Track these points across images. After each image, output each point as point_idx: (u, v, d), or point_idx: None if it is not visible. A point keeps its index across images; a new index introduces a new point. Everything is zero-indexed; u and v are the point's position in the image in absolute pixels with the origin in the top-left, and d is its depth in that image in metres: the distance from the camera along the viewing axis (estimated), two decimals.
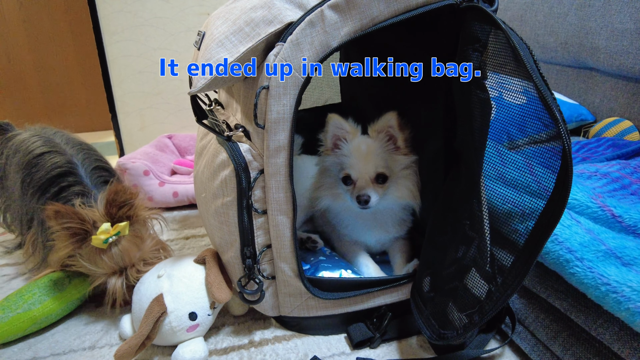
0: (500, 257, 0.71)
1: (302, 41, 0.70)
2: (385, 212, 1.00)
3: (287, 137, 0.75)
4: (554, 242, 0.73)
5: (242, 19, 0.72)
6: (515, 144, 0.82)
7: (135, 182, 1.55)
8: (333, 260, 1.00)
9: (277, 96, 0.72)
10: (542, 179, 0.64)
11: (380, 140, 0.94)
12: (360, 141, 0.94)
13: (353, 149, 0.94)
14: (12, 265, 1.24)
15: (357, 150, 0.93)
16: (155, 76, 2.04)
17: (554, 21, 1.63)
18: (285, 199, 0.79)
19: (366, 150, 0.93)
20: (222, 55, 0.70)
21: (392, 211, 1.01)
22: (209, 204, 0.86)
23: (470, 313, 0.70)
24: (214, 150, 0.83)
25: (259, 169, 0.78)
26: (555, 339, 0.74)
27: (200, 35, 0.85)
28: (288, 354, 0.84)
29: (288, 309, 0.87)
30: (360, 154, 0.93)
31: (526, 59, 0.58)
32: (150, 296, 0.82)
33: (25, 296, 0.91)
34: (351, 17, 0.71)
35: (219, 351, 0.85)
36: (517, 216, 0.71)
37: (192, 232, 1.40)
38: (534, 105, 0.66)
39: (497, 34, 0.69)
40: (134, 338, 0.77)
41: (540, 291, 0.79)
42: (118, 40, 1.96)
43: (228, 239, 0.83)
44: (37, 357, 0.86)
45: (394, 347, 0.85)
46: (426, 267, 0.87)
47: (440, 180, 0.91)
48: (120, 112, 2.09)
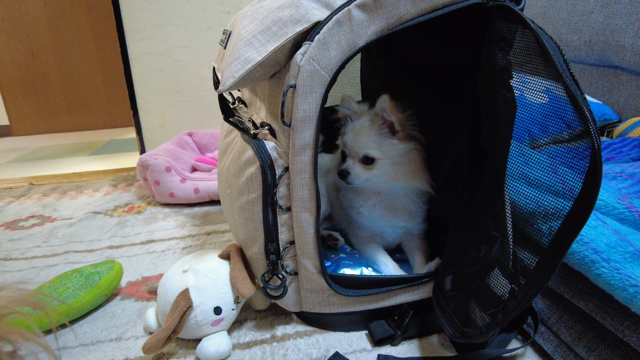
0: (523, 257, 0.71)
1: (329, 40, 0.71)
2: (389, 196, 1.02)
3: (312, 135, 0.76)
4: (579, 242, 0.72)
5: (270, 18, 0.73)
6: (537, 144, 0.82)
7: (158, 178, 1.58)
8: (354, 257, 1.01)
9: (303, 95, 0.73)
10: (567, 179, 0.64)
11: (376, 123, 0.96)
12: (358, 122, 0.99)
13: (350, 128, 1.01)
14: (41, 258, 1.28)
15: (352, 130, 0.99)
16: (175, 74, 2.07)
17: (577, 19, 1.60)
18: (309, 196, 0.80)
19: (359, 130, 0.98)
20: (250, 54, 0.71)
21: (396, 195, 1.02)
22: (234, 201, 0.87)
23: (493, 312, 0.70)
24: (239, 148, 0.85)
25: (284, 166, 0.79)
26: (579, 340, 0.74)
27: (227, 34, 0.86)
28: (310, 349, 0.85)
29: (310, 304, 0.88)
30: (353, 133, 0.99)
31: (556, 58, 0.58)
32: (176, 290, 0.84)
33: (60, 289, 0.94)
34: (378, 17, 0.71)
35: (242, 345, 0.87)
36: (540, 216, 0.71)
37: (213, 228, 1.42)
38: (557, 104, 0.65)
39: (524, 33, 0.69)
40: (161, 331, 0.79)
41: (564, 292, 0.78)
42: (140, 38, 2.00)
43: (253, 235, 0.84)
44: (67, 346, 0.89)
45: (415, 344, 0.86)
46: (448, 265, 0.87)
47: (464, 179, 0.91)
48: (141, 109, 2.12)
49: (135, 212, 1.61)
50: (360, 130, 0.97)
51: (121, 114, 3.56)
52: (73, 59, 3.43)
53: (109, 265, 1.05)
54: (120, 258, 1.24)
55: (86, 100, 3.54)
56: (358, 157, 0.97)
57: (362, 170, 0.97)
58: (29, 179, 2.12)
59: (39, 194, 1.86)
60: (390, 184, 1.00)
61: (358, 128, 0.98)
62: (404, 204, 1.03)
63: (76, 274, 1.00)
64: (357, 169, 0.97)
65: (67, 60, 3.43)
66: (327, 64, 0.72)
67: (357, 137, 0.98)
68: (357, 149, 0.97)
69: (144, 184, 1.68)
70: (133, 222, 1.51)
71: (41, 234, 1.45)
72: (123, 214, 1.60)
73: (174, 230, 1.42)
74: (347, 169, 0.97)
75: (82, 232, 1.45)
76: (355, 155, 0.98)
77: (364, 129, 0.97)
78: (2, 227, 1.53)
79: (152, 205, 1.66)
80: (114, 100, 3.55)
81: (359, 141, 0.97)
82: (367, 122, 0.98)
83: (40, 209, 1.69)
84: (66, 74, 3.46)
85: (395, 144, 0.96)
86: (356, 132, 0.98)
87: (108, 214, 1.60)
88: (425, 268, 0.94)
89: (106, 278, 1.02)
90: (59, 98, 3.51)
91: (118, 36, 1.99)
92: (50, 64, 3.42)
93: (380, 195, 1.02)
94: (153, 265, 1.21)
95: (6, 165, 2.59)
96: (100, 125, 3.60)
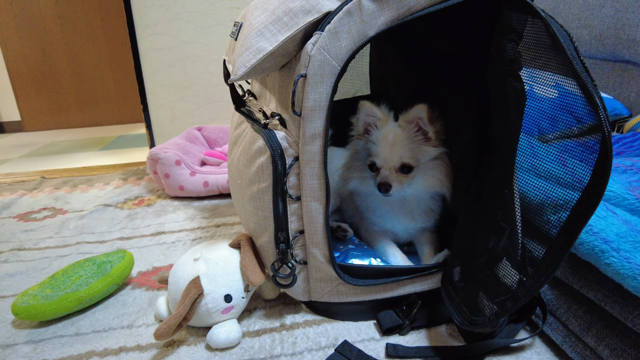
0: (532, 248, 0.71)
1: (339, 30, 0.71)
2: (412, 200, 1.01)
3: (322, 125, 0.76)
4: (589, 232, 0.73)
5: (281, 9, 0.74)
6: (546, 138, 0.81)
7: (167, 172, 1.59)
8: (362, 248, 1.02)
9: (314, 84, 0.73)
10: (577, 171, 0.64)
11: (409, 130, 0.94)
12: (389, 130, 0.95)
13: (381, 137, 0.95)
14: (53, 248, 1.31)
15: (384, 139, 0.94)
16: (185, 69, 2.09)
17: (588, 13, 1.59)
18: (319, 186, 0.81)
19: (393, 139, 0.93)
20: (261, 44, 0.72)
21: (421, 199, 1.01)
22: (245, 190, 0.88)
23: (502, 300, 0.71)
24: (250, 138, 0.86)
25: (294, 156, 0.80)
26: (588, 330, 0.74)
27: (237, 25, 0.87)
28: (319, 338, 0.86)
29: (319, 294, 0.89)
30: (386, 142, 0.94)
31: (566, 46, 0.58)
32: (187, 278, 0.85)
33: (73, 277, 0.96)
34: (388, 6, 0.72)
35: (252, 333, 0.88)
36: (549, 207, 0.71)
37: (222, 221, 1.43)
38: (566, 98, 0.65)
39: (535, 23, 0.69)
40: (172, 318, 0.81)
41: (573, 282, 0.78)
42: (150, 33, 2.02)
43: (263, 224, 0.85)
44: (80, 333, 0.91)
45: (423, 334, 0.86)
46: (457, 256, 0.88)
47: (473, 170, 0.91)
48: (151, 104, 2.14)
49: (145, 204, 1.62)
50: (394, 140, 0.93)
51: (130, 110, 3.60)
52: (83, 56, 3.47)
53: (121, 254, 1.07)
54: (131, 249, 1.26)
55: (96, 97, 3.58)
56: (395, 167, 0.94)
57: (400, 180, 0.94)
58: (40, 173, 2.15)
59: (51, 187, 1.89)
60: (419, 189, 0.98)
61: (391, 137, 0.93)
62: (426, 205, 1.02)
63: (89, 263, 1.02)
64: (396, 180, 0.93)
65: (77, 57, 3.47)
66: (337, 54, 0.73)
67: (392, 147, 0.93)
68: (395, 158, 0.93)
69: (154, 177, 1.70)
70: (143, 214, 1.53)
71: (53, 225, 1.48)
72: (133, 206, 1.61)
73: (184, 223, 1.44)
74: (388, 182, 0.92)
75: (93, 223, 1.47)
76: (391, 165, 0.94)
77: (399, 138, 0.93)
78: (16, 218, 1.55)
79: (161, 198, 1.68)
80: (124, 97, 3.58)
81: (396, 151, 0.93)
82: (399, 130, 0.94)
83: (52, 202, 1.71)
84: (76, 70, 3.50)
85: (428, 150, 0.94)
86: (390, 142, 0.93)
87: (118, 206, 1.62)
88: (433, 259, 0.94)
89: (117, 267, 1.03)
90: (69, 94, 3.55)
91: (128, 32, 2.01)
92: (61, 61, 3.46)
93: (402, 199, 1.00)
94: (163, 256, 1.22)
95: (19, 159, 2.62)
96: (109, 121, 3.63)
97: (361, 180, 1.02)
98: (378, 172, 0.95)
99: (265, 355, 0.82)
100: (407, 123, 0.94)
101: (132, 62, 2.06)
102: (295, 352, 0.82)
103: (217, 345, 0.83)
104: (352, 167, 1.04)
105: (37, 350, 0.86)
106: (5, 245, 1.33)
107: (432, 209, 1.03)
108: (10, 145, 3.06)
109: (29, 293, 0.93)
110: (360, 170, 1.02)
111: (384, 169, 0.94)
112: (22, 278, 1.14)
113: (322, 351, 0.82)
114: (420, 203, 1.02)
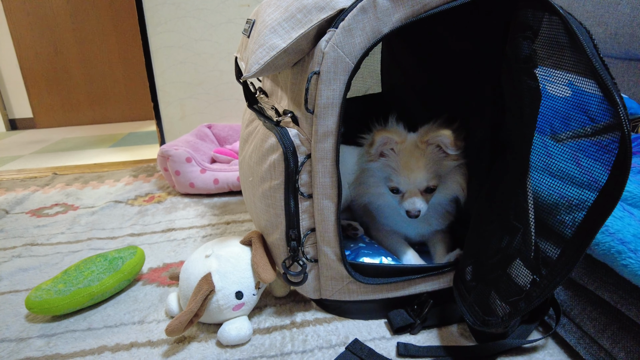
0: (545, 248, 0.70)
1: (353, 27, 0.71)
2: (431, 207, 0.99)
3: (335, 123, 0.76)
4: (605, 233, 0.71)
5: (294, 6, 0.74)
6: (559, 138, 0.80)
7: (178, 169, 1.60)
8: (373, 247, 1.01)
9: (327, 81, 0.73)
10: (592, 171, 0.63)
11: (430, 151, 0.91)
12: (409, 154, 0.91)
13: (402, 163, 0.92)
14: (65, 244, 1.32)
15: (406, 165, 0.91)
16: (196, 67, 2.10)
17: (603, 11, 1.57)
18: (331, 184, 0.80)
19: (415, 164, 0.91)
20: (275, 41, 0.72)
21: (439, 204, 1.00)
22: (256, 188, 0.88)
23: (515, 300, 0.70)
24: (262, 135, 0.86)
25: (306, 153, 0.80)
26: (603, 332, 0.73)
27: (250, 23, 0.87)
28: (329, 336, 0.86)
29: (329, 292, 0.89)
30: (408, 169, 0.91)
31: (585, 43, 0.57)
32: (198, 275, 0.86)
33: (85, 273, 0.97)
34: (403, 4, 0.71)
35: (262, 330, 0.88)
36: (563, 207, 0.70)
37: (232, 218, 1.44)
38: (580, 97, 0.64)
39: (552, 20, 0.68)
40: (184, 314, 0.81)
41: (587, 283, 0.77)
42: (161, 31, 2.03)
43: (274, 222, 0.85)
44: (92, 327, 0.92)
45: (434, 334, 0.86)
46: (469, 255, 0.87)
47: (486, 169, 0.90)
48: (161, 101, 2.15)
49: (155, 201, 1.63)
50: (416, 164, 0.91)
51: (140, 108, 3.62)
52: (94, 54, 3.50)
53: (132, 251, 1.07)
54: (142, 245, 1.27)
55: (106, 94, 3.61)
56: (419, 190, 0.93)
57: (427, 198, 0.94)
58: (52, 169, 2.17)
59: (62, 184, 1.90)
60: (439, 197, 0.97)
61: (413, 162, 0.91)
62: (443, 209, 1.01)
63: (100, 259, 1.03)
64: (423, 204, 0.93)
65: (88, 55, 3.49)
66: (351, 51, 0.72)
67: (416, 173, 0.91)
68: (419, 183, 0.92)
69: (165, 174, 1.70)
70: (153, 211, 1.54)
71: (65, 221, 1.49)
72: (144, 203, 1.62)
73: (194, 220, 1.44)
74: (417, 209, 0.92)
75: (104, 220, 1.49)
76: (416, 190, 0.93)
77: (420, 162, 0.91)
78: (28, 214, 1.57)
79: (172, 195, 1.69)
80: (134, 94, 3.61)
81: (420, 176, 0.91)
82: (419, 152, 0.91)
83: (63, 198, 1.73)
84: (87, 68, 3.53)
85: (449, 164, 0.93)
86: (411, 167, 0.91)
87: (129, 203, 1.63)
88: (445, 258, 0.94)
89: (129, 263, 1.04)
90: (80, 92, 3.58)
91: (140, 29, 2.02)
92: (72, 59, 3.49)
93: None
94: (174, 253, 1.23)
95: (31, 156, 2.65)
96: (119, 118, 3.66)
97: (376, 196, 1.01)
98: (402, 195, 0.94)
99: (276, 353, 0.82)
100: (428, 144, 0.91)
101: (143, 59, 2.07)
102: (306, 350, 0.82)
103: (228, 341, 0.83)
104: (364, 184, 1.02)
105: (50, 345, 0.87)
106: (19, 240, 1.35)
107: (449, 212, 1.02)
108: (22, 142, 3.09)
109: (43, 288, 0.94)
110: (374, 186, 0.99)
111: (409, 193, 0.93)
112: (35, 273, 1.15)
113: (332, 349, 0.82)
114: (437, 208, 1.01)
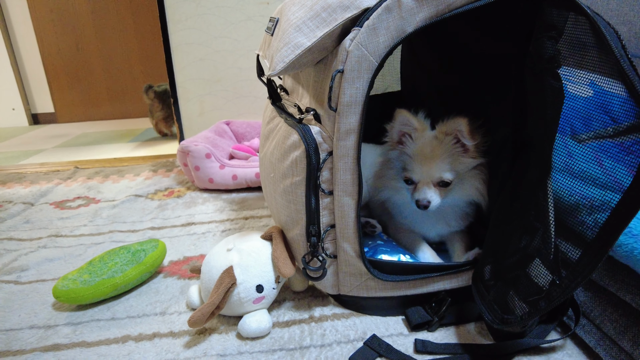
0: (565, 249, 0.70)
1: (378, 26, 0.72)
2: (448, 208, 0.99)
3: (357, 121, 0.77)
4: (628, 234, 0.71)
5: (319, 5, 0.75)
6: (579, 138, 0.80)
7: (198, 164, 1.62)
8: (391, 245, 1.02)
9: (351, 80, 0.74)
10: (615, 172, 0.63)
11: (447, 143, 0.90)
12: (425, 143, 0.91)
13: (417, 150, 0.91)
14: (88, 236, 1.35)
15: (421, 154, 0.91)
16: (215, 64, 2.12)
17: (628, 9, 1.54)
18: (352, 181, 0.81)
19: (430, 154, 0.90)
20: (299, 40, 0.73)
21: (457, 206, 1.00)
22: (277, 184, 0.90)
23: (536, 299, 0.70)
24: (284, 132, 0.87)
25: (328, 150, 0.81)
26: (624, 333, 0.73)
27: (274, 21, 0.88)
28: (347, 331, 0.87)
29: (348, 288, 0.90)
30: (423, 157, 0.91)
31: (614, 44, 0.57)
32: (220, 268, 0.87)
33: (109, 264, 1.00)
34: (427, 3, 0.72)
35: (281, 324, 0.90)
36: (584, 208, 0.70)
37: (250, 213, 1.45)
38: (602, 97, 0.64)
39: (578, 20, 0.67)
40: (206, 306, 0.83)
41: (608, 284, 0.77)
42: (182, 28, 2.05)
43: (295, 217, 0.87)
44: (115, 317, 0.94)
45: (451, 331, 0.86)
46: (488, 255, 0.87)
47: (507, 168, 0.90)
48: (181, 97, 2.18)
49: (175, 196, 1.66)
50: (432, 154, 0.90)
51: None
52: (114, 50, 3.55)
53: (154, 243, 1.10)
54: (162, 239, 1.29)
55: (126, 90, 3.67)
56: (433, 182, 0.92)
57: (438, 194, 0.92)
58: (74, 163, 2.22)
59: (84, 177, 1.95)
60: (456, 199, 0.97)
61: (428, 151, 0.90)
62: (462, 210, 1.01)
63: (123, 251, 1.05)
64: (435, 195, 0.91)
65: (108, 51, 3.55)
66: (375, 50, 0.73)
67: (430, 162, 0.90)
68: (432, 173, 0.91)
69: (184, 169, 1.73)
70: (173, 205, 1.57)
71: (87, 214, 1.53)
72: (163, 197, 1.66)
73: (213, 214, 1.47)
74: (428, 199, 0.90)
75: (124, 213, 1.52)
76: (428, 180, 0.92)
77: (436, 152, 0.90)
78: (52, 205, 1.62)
79: (191, 190, 1.72)
80: None
81: (434, 166, 0.90)
82: (436, 142, 0.90)
83: (85, 191, 1.77)
84: (108, 64, 3.59)
85: (467, 161, 0.92)
86: (426, 156, 0.90)
87: (149, 197, 1.66)
88: (464, 257, 0.94)
89: (151, 256, 1.06)
90: (100, 87, 3.65)
91: (160, 26, 2.05)
92: (93, 55, 3.55)
93: (438, 208, 0.95)
94: (194, 246, 1.25)
95: (53, 150, 2.71)
96: (138, 114, 3.71)
97: (394, 191, 1.01)
98: (414, 185, 0.93)
99: (295, 346, 0.83)
100: (445, 135, 0.90)
101: (161, 56, 2.10)
102: (325, 344, 0.83)
103: (248, 334, 0.85)
104: (384, 177, 1.02)
105: (77, 332, 0.90)
106: (44, 232, 1.39)
107: (468, 213, 1.02)
108: (44, 136, 3.16)
109: (69, 277, 0.97)
110: (393, 179, 1.00)
111: (422, 184, 0.92)
112: (60, 263, 1.19)
113: (350, 344, 0.83)
114: (456, 210, 1.01)
